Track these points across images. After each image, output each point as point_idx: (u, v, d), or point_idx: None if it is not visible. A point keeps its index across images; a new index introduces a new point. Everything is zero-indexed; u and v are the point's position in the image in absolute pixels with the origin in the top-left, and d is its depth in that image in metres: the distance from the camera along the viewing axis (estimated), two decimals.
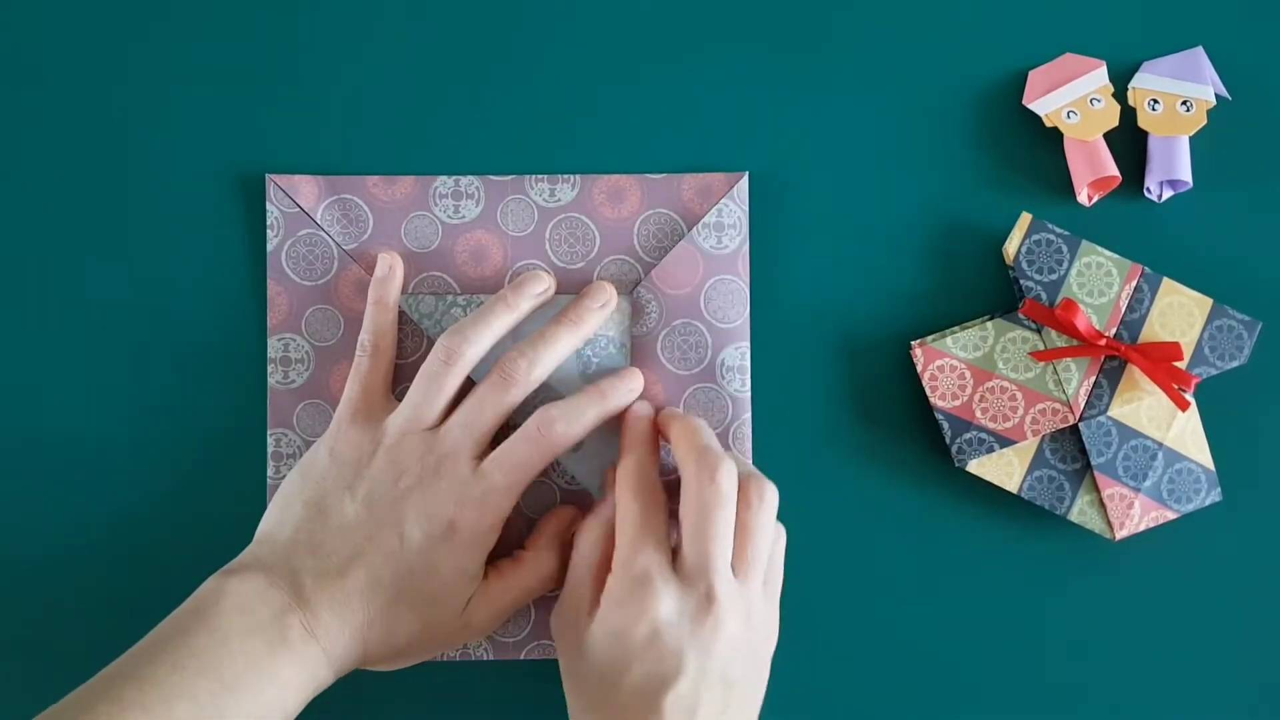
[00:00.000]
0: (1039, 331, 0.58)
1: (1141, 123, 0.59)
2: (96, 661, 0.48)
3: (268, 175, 0.58)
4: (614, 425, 0.57)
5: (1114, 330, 0.57)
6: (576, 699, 0.51)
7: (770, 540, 0.53)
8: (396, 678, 0.58)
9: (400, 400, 0.55)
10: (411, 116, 0.60)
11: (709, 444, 0.53)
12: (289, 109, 0.59)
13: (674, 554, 0.52)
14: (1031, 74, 0.59)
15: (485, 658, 0.58)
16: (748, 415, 0.58)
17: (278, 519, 0.53)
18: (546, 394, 0.58)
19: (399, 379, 0.58)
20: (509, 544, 0.56)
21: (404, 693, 0.59)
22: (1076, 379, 0.57)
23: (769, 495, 0.53)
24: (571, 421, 0.54)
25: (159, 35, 0.60)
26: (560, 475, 0.59)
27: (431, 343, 0.58)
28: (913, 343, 0.58)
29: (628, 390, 0.56)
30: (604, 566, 0.52)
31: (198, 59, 0.60)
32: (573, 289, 0.58)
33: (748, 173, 0.59)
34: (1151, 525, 0.58)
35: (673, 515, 0.54)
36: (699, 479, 0.51)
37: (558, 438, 0.53)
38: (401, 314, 0.58)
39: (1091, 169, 0.58)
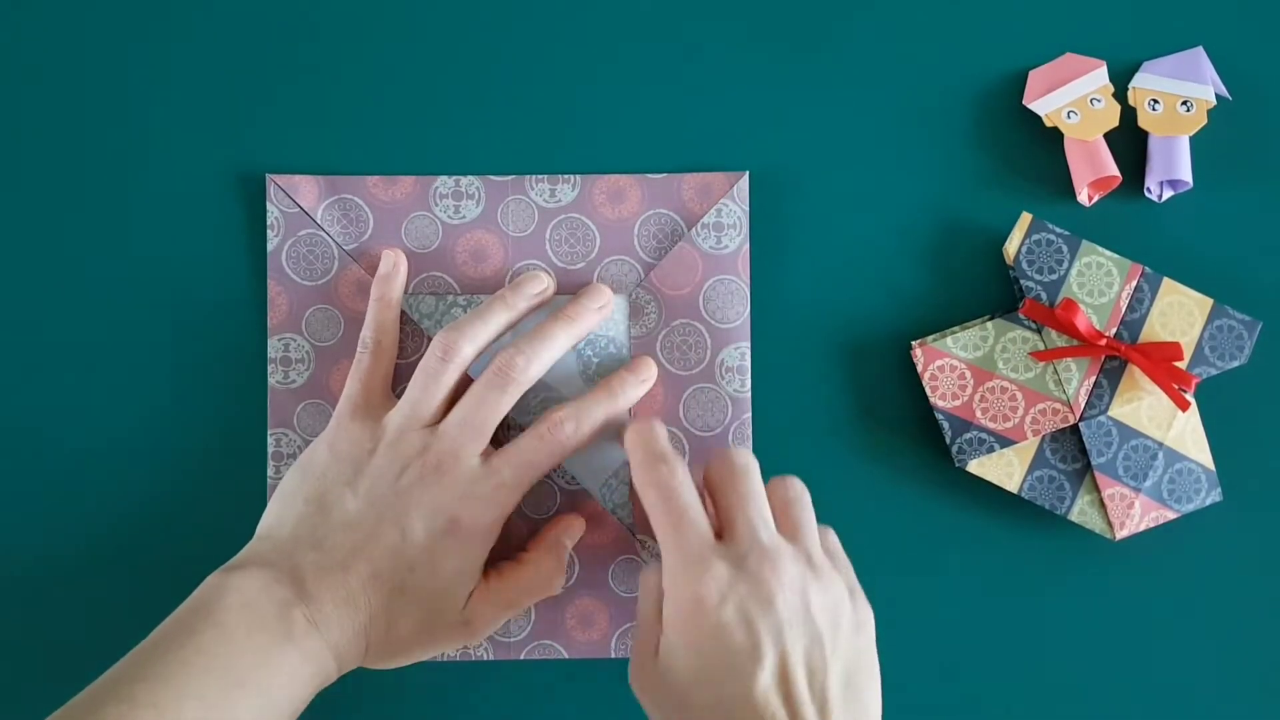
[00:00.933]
0: (1039, 331, 0.58)
1: (1141, 123, 0.59)
2: (97, 661, 0.48)
3: (268, 175, 0.58)
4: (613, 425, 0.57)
5: (1114, 330, 0.57)
6: None
7: (811, 512, 0.52)
8: (396, 677, 0.58)
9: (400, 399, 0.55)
10: (411, 117, 0.60)
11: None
12: (289, 109, 0.59)
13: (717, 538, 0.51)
14: (1031, 74, 0.59)
15: (485, 658, 0.58)
16: (748, 415, 0.58)
17: (278, 515, 0.53)
18: (547, 394, 0.58)
19: (399, 379, 0.58)
20: (510, 547, 0.56)
21: (404, 693, 0.59)
22: (1077, 379, 0.57)
23: (794, 479, 0.53)
24: (581, 421, 0.54)
25: (159, 35, 0.60)
26: (560, 475, 0.59)
27: (430, 344, 0.58)
28: (913, 343, 0.58)
29: (638, 382, 0.56)
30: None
31: (198, 59, 0.60)
32: (573, 289, 0.58)
33: (748, 172, 0.59)
34: (1152, 525, 0.58)
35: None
36: (719, 462, 0.52)
37: (566, 438, 0.53)
38: (402, 314, 0.58)
39: (1092, 169, 0.58)
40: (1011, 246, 0.58)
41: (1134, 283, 0.57)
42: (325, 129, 0.59)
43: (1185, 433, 0.57)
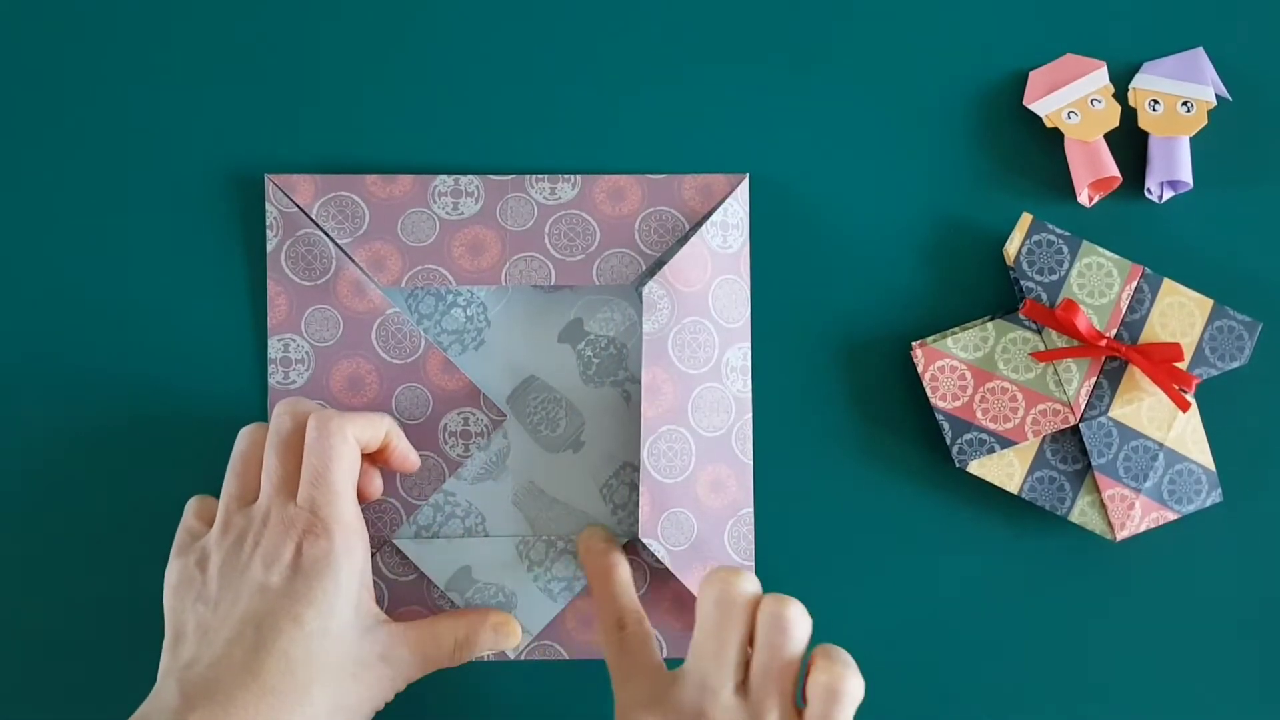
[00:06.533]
0: (1039, 332, 0.58)
1: (1142, 123, 0.59)
2: (95, 664, 0.48)
3: (266, 175, 0.58)
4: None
5: (1114, 331, 0.57)
6: None
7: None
8: None
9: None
10: (411, 117, 0.59)
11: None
12: (288, 109, 0.59)
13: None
14: (1032, 74, 0.59)
15: (485, 658, 0.58)
16: (749, 416, 0.58)
17: None
18: (547, 394, 0.58)
19: (398, 380, 0.58)
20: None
21: (403, 692, 0.58)
22: (1077, 380, 0.57)
23: (800, 623, 0.50)
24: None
25: (158, 35, 0.59)
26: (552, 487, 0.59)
27: (429, 344, 0.58)
28: (913, 343, 0.58)
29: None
30: None
31: (196, 58, 0.59)
32: (573, 281, 0.58)
33: (748, 175, 0.59)
34: (1152, 526, 0.58)
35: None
36: (780, 628, 0.49)
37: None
38: (399, 315, 0.58)
39: (1092, 169, 0.58)
40: (1012, 247, 0.58)
41: (1134, 283, 0.57)
42: (325, 129, 0.59)
43: (1185, 433, 0.58)
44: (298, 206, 0.58)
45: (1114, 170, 0.58)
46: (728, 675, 0.49)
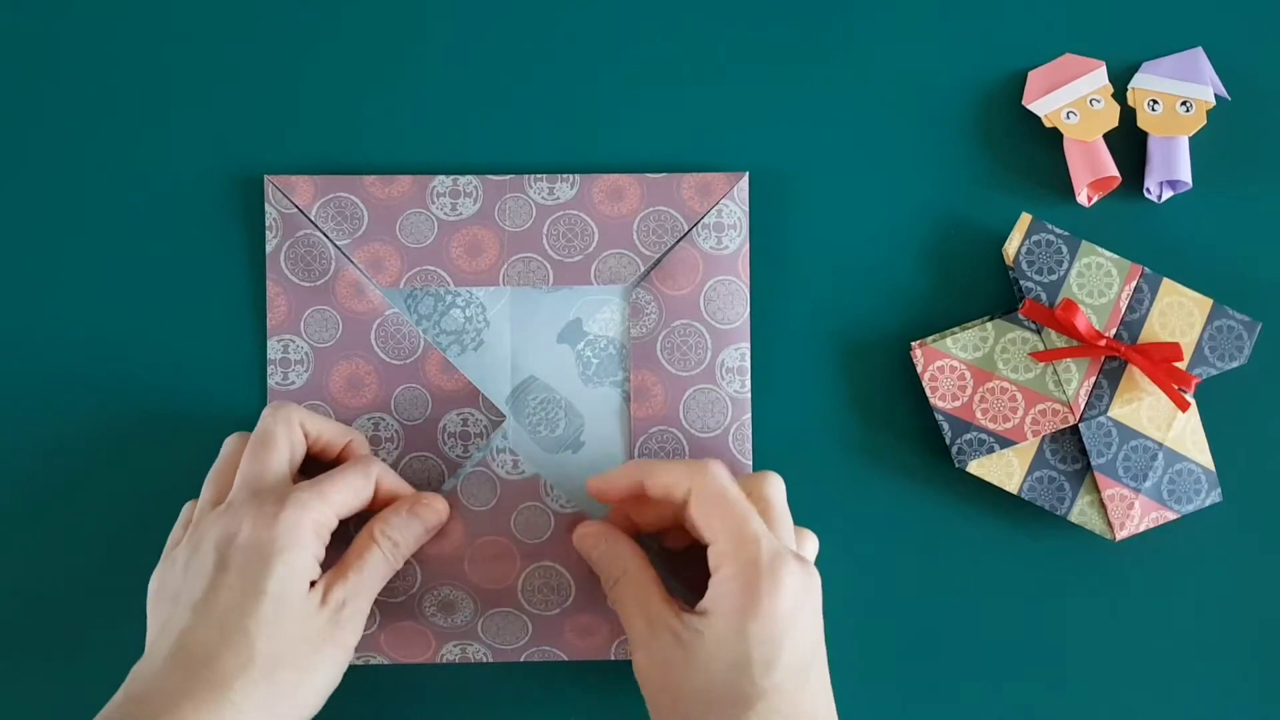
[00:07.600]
0: (1039, 332, 0.58)
1: (1141, 123, 0.59)
2: (94, 665, 0.48)
3: (266, 176, 0.58)
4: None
5: (1114, 331, 0.57)
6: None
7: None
8: (396, 677, 0.58)
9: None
10: (410, 118, 0.59)
11: (675, 462, 0.53)
12: (287, 110, 0.59)
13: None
14: (1031, 74, 0.59)
15: (485, 660, 0.58)
16: (748, 416, 0.58)
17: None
18: (547, 394, 0.58)
19: (397, 381, 0.58)
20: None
21: (404, 693, 0.58)
22: (1076, 379, 0.57)
23: (774, 476, 0.53)
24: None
25: (158, 36, 0.59)
26: (555, 499, 0.58)
27: (428, 345, 0.58)
28: (913, 343, 0.58)
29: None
30: (651, 589, 0.52)
31: (196, 60, 0.59)
32: (571, 281, 0.58)
33: (748, 173, 0.59)
34: (1152, 526, 0.58)
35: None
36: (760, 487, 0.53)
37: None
38: (398, 316, 0.58)
39: (1091, 169, 0.58)
40: (1011, 247, 0.58)
41: (1134, 283, 0.57)
42: (324, 130, 0.59)
43: (1185, 433, 0.58)
44: (297, 207, 0.58)
45: (1113, 170, 0.58)
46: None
